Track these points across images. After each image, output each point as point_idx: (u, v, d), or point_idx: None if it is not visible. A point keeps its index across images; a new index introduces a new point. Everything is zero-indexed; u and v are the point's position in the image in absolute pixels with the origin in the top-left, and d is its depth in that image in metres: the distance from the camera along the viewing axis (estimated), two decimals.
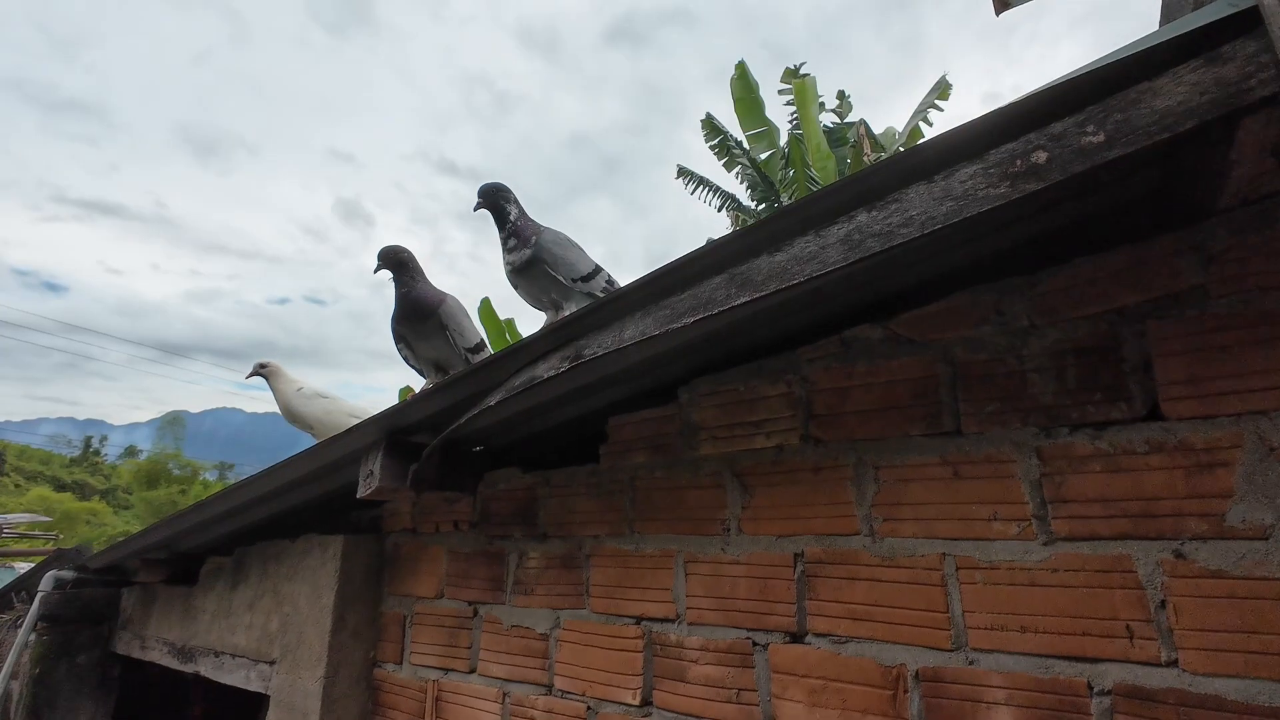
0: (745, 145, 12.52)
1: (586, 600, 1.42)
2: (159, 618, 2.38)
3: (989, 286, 1.07)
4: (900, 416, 1.10)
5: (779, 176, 11.97)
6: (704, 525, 1.29)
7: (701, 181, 13.11)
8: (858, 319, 1.20)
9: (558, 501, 1.54)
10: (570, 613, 1.45)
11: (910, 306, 1.15)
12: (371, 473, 1.51)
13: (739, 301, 0.98)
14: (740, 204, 13.16)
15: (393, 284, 1.77)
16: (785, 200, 11.67)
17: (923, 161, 0.88)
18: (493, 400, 1.27)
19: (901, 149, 10.44)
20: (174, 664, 2.20)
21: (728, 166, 12.54)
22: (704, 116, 12.72)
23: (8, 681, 2.41)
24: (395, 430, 1.56)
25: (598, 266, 1.69)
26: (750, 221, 11.94)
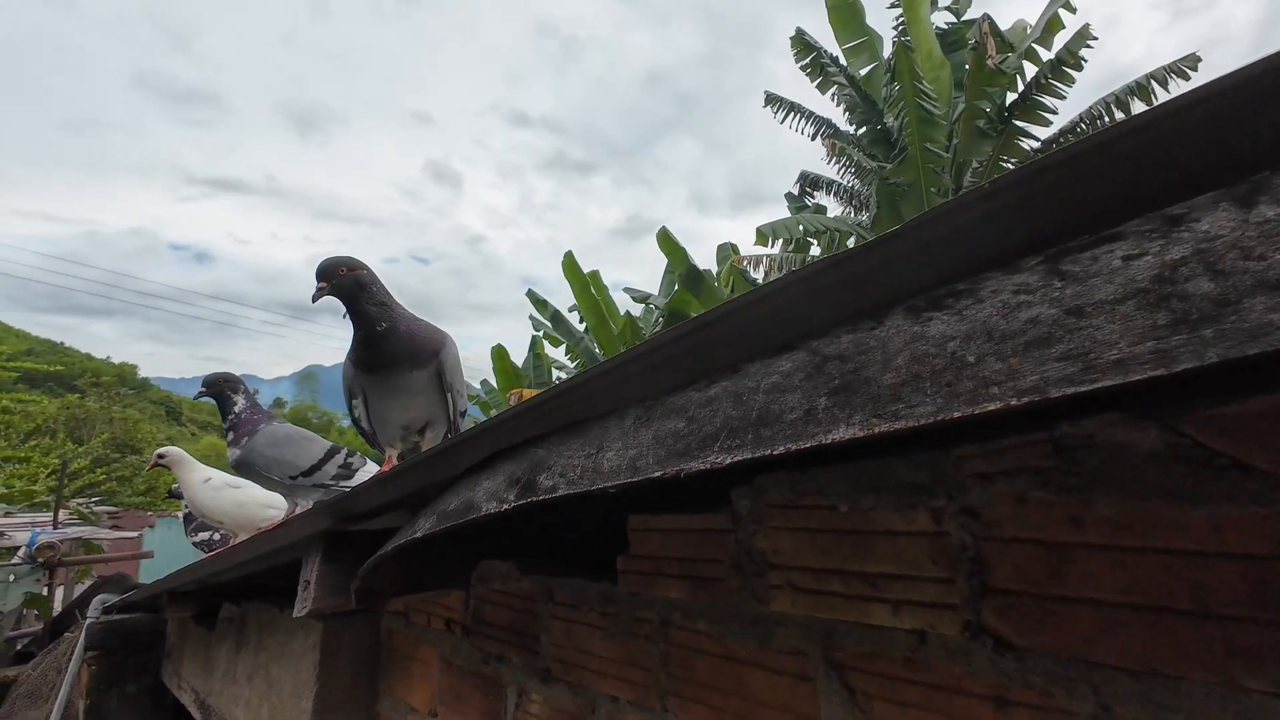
0: (842, 61, 11.07)
1: None
2: (189, 657, 2.21)
3: None
4: (1216, 640, 0.50)
5: (883, 94, 10.50)
6: None
7: (792, 108, 11.83)
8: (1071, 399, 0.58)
9: (563, 627, 1.05)
10: None
11: (1214, 388, 0.51)
12: (308, 583, 1.09)
13: (836, 435, 0.41)
14: (837, 129, 11.79)
15: (349, 314, 1.25)
16: (890, 122, 10.22)
17: None
18: (419, 531, 0.78)
19: (1035, 45, 8.76)
20: (198, 716, 2.01)
21: (822, 88, 11.16)
22: (793, 33, 11.30)
23: (63, 710, 2.36)
24: (345, 518, 1.13)
25: (329, 452, 1.55)
26: (850, 150, 10.62)
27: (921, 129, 9.23)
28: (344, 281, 1.22)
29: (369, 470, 1.55)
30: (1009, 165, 10.09)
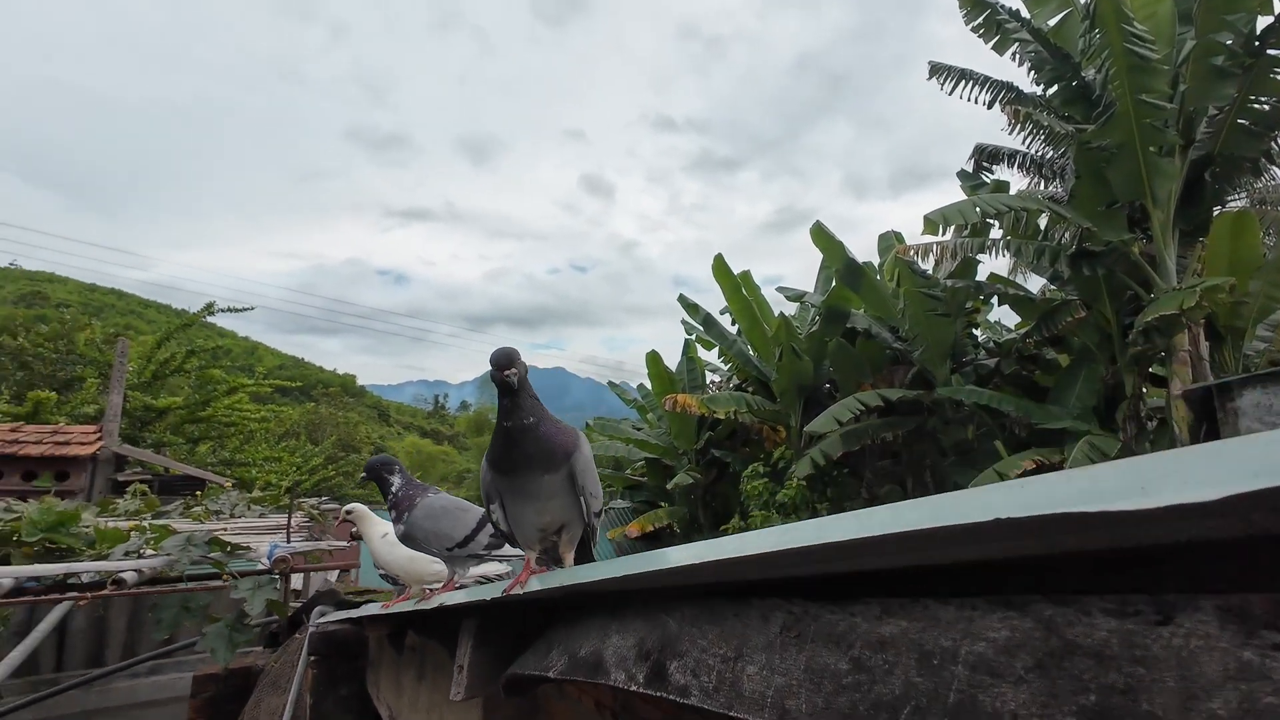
0: (1025, 14, 9.70)
1: None
2: (385, 673, 2.45)
3: None
4: None
5: (1079, 45, 9.00)
6: None
7: (962, 75, 10.60)
8: None
9: None
10: None
11: None
12: (461, 668, 1.11)
13: None
14: (1020, 92, 10.34)
15: (504, 403, 1.19)
16: (1090, 76, 8.72)
17: None
18: (551, 671, 0.73)
19: None
20: None
21: (999, 48, 9.85)
22: None
23: (295, 704, 2.77)
24: (500, 603, 1.13)
25: (481, 522, 1.65)
26: (1037, 114, 9.25)
27: (1133, 78, 7.73)
28: (521, 370, 1.23)
29: None
30: (1262, 106, 8.11)
